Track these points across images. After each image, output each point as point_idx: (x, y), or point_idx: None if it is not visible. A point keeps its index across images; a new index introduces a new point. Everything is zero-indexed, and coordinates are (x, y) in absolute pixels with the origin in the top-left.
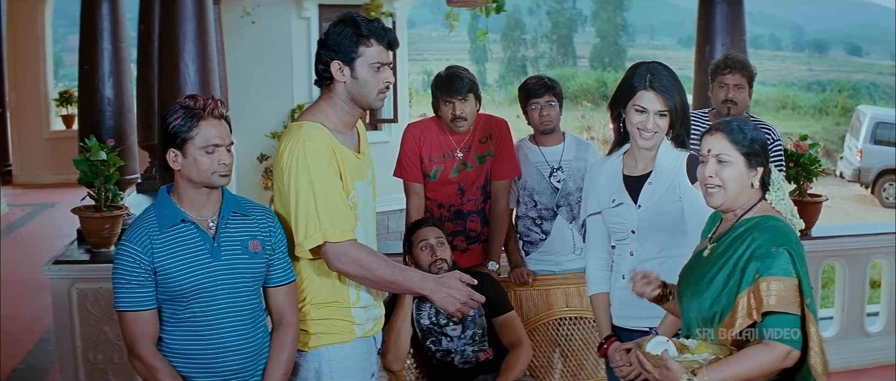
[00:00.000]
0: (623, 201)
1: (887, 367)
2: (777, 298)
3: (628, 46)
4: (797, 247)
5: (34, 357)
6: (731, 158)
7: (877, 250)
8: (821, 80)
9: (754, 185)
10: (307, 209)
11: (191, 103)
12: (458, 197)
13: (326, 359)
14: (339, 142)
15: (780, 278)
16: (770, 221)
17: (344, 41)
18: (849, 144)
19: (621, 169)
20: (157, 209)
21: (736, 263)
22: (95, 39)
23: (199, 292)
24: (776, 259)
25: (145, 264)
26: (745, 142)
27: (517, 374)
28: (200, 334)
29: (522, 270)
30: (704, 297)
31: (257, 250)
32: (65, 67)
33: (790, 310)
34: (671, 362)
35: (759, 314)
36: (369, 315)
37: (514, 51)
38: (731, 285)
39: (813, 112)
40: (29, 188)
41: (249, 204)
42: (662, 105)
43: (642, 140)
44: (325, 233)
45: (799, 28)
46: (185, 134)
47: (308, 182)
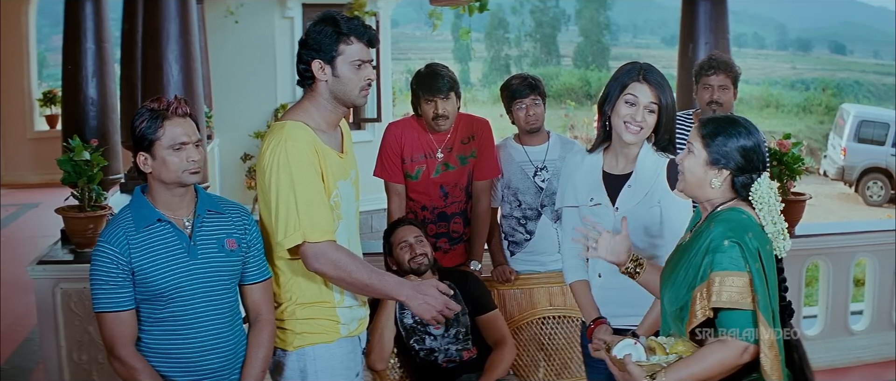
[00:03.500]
0: (601, 202)
1: (871, 365)
2: (727, 294)
3: (612, 45)
4: (752, 241)
5: (19, 357)
6: (695, 149)
7: (860, 248)
8: (804, 78)
9: (714, 185)
10: (287, 209)
11: (155, 105)
12: (442, 200)
13: (311, 358)
14: (321, 141)
15: (731, 274)
16: (731, 213)
17: (324, 40)
18: (833, 142)
19: (601, 166)
20: (133, 210)
21: (694, 256)
22: (79, 39)
23: (176, 291)
24: (726, 253)
25: (123, 264)
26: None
27: (501, 373)
28: (179, 333)
29: (504, 268)
30: (671, 291)
31: (233, 248)
32: (49, 67)
33: (742, 306)
34: (631, 366)
35: (710, 310)
36: (354, 315)
37: (497, 50)
38: (690, 278)
39: (797, 110)
40: (13, 188)
41: (224, 202)
42: (654, 98)
43: (628, 134)
44: (305, 233)
45: (783, 26)
46: (152, 135)
47: (289, 182)
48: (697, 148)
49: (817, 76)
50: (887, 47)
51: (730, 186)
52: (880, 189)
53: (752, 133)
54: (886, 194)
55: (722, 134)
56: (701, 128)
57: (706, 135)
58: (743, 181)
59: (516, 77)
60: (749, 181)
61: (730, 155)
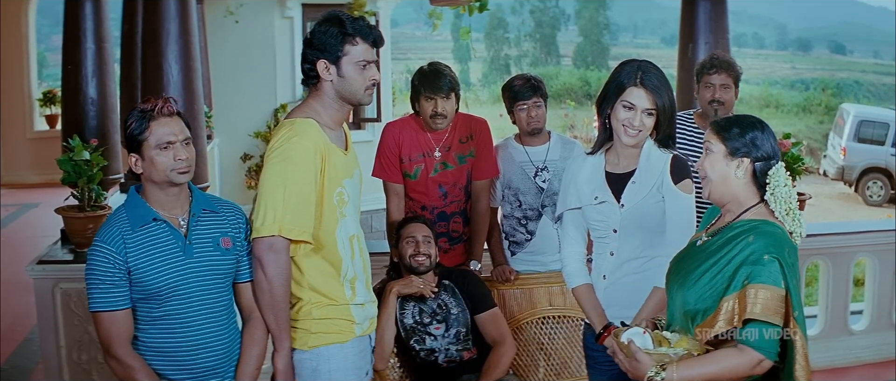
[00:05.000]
0: (606, 200)
1: (871, 365)
2: (762, 307)
3: (611, 45)
4: (790, 257)
5: (19, 357)
6: (713, 146)
7: (860, 248)
8: (804, 78)
9: (737, 176)
10: (274, 199)
11: (145, 106)
12: (441, 199)
13: (325, 358)
14: (328, 139)
15: (768, 288)
16: (768, 227)
17: (329, 40)
18: (832, 142)
19: (603, 166)
20: (129, 209)
21: (726, 264)
22: (79, 39)
23: (172, 290)
24: (766, 267)
25: (119, 263)
26: (728, 133)
27: (500, 372)
28: (175, 331)
29: (504, 268)
30: (690, 292)
31: (228, 247)
32: (48, 67)
33: (772, 320)
34: (640, 354)
35: (740, 321)
36: (366, 314)
37: (497, 50)
38: (718, 286)
39: (796, 110)
40: (13, 188)
41: (219, 201)
42: (651, 103)
43: (626, 137)
44: (282, 227)
45: (782, 26)
46: (140, 136)
47: (283, 174)
48: (715, 144)
49: (817, 76)
50: (887, 47)
51: (751, 179)
52: (880, 189)
53: (762, 123)
54: (886, 194)
55: (735, 126)
56: (714, 126)
57: (721, 129)
58: (762, 168)
59: (519, 78)
60: (767, 167)
61: (747, 143)
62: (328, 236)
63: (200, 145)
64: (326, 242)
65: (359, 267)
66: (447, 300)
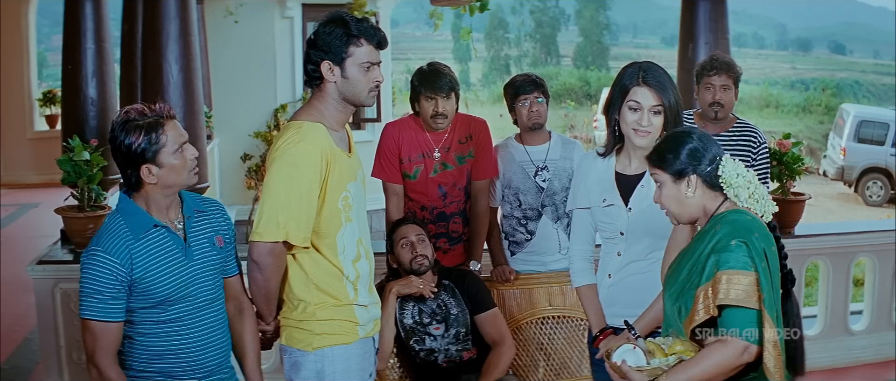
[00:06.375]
0: (614, 203)
1: (871, 365)
2: (734, 292)
3: (611, 45)
4: (759, 241)
5: (19, 357)
6: (658, 178)
7: (860, 248)
8: (804, 78)
9: (690, 195)
10: (278, 203)
11: (142, 119)
12: (441, 200)
13: (330, 359)
14: (334, 142)
15: (738, 272)
16: (732, 214)
17: (334, 41)
18: (832, 142)
19: (614, 166)
20: (126, 216)
21: (698, 257)
22: (79, 39)
23: (179, 294)
24: (734, 253)
25: (122, 276)
26: (665, 161)
27: (500, 372)
28: (181, 333)
29: (504, 268)
30: (672, 291)
31: (222, 245)
32: (48, 67)
33: (747, 304)
34: (632, 373)
35: (715, 308)
36: (370, 316)
37: (497, 50)
38: (693, 279)
39: (796, 110)
40: (13, 188)
41: (204, 200)
42: (657, 100)
43: (637, 139)
44: (288, 233)
45: (782, 26)
46: (155, 146)
47: (288, 179)
48: (660, 175)
49: (817, 76)
50: (887, 47)
51: (705, 187)
52: (880, 189)
53: (688, 132)
54: (886, 194)
55: (668, 152)
56: (651, 161)
57: (659, 161)
58: (709, 173)
59: (521, 75)
60: (714, 170)
61: (687, 161)
62: (333, 239)
63: (200, 145)
64: (332, 245)
65: (363, 269)
66: (447, 301)
